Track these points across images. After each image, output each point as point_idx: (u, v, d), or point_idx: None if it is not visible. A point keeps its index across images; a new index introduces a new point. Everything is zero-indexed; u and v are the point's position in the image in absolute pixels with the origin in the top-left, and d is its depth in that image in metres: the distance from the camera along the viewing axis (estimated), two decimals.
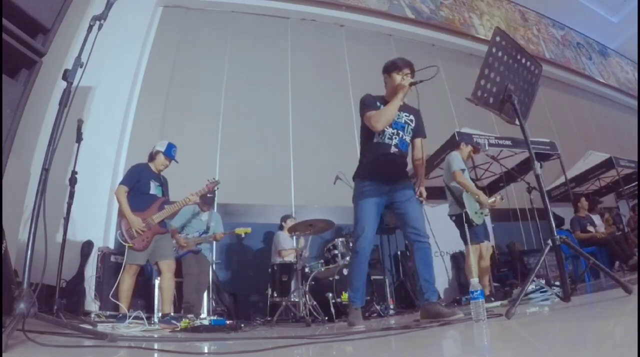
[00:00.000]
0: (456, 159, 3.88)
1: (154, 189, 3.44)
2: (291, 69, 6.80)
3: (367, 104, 2.51)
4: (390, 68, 2.55)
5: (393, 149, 2.51)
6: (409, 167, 2.69)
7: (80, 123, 3.59)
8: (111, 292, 3.26)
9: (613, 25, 11.02)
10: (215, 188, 3.69)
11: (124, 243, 3.22)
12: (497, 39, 2.16)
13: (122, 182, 3.37)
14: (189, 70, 6.28)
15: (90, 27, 1.80)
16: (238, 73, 6.43)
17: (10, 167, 2.00)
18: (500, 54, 2.18)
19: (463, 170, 3.80)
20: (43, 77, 1.97)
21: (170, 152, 3.52)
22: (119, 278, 3.24)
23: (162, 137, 5.48)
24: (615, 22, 10.97)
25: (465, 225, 3.66)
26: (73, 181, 3.37)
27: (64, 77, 1.70)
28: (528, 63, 2.34)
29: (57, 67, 3.99)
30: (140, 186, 3.37)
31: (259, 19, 7.10)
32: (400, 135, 2.54)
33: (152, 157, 3.55)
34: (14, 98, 1.69)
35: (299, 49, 7.04)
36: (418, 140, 2.64)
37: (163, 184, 3.56)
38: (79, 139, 3.50)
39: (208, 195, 3.93)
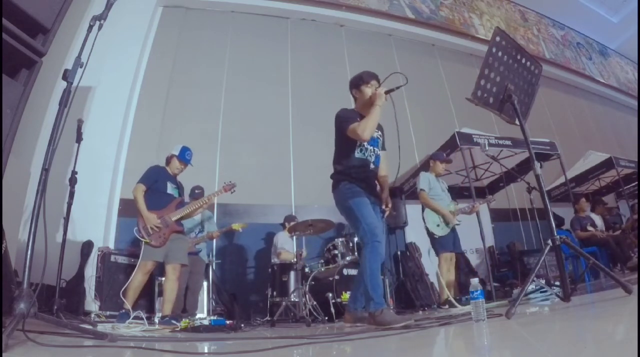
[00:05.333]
0: (420, 180, 4.22)
1: (170, 190, 3.50)
2: (291, 69, 6.80)
3: (348, 117, 2.51)
4: (358, 82, 2.58)
5: (372, 166, 2.58)
6: None
7: (80, 123, 3.59)
8: (122, 289, 3.26)
9: (613, 25, 11.02)
10: (232, 191, 3.71)
11: (141, 239, 3.23)
12: (497, 39, 2.16)
13: (140, 181, 3.41)
14: (189, 70, 6.28)
15: (90, 27, 1.80)
16: (238, 73, 6.43)
17: (10, 167, 2.00)
18: (500, 54, 2.18)
19: (423, 190, 4.12)
20: (43, 77, 1.97)
21: (183, 156, 3.57)
22: (133, 275, 3.25)
23: (162, 137, 5.50)
24: (615, 22, 10.96)
25: (429, 238, 4.06)
26: (73, 181, 3.38)
27: (64, 77, 1.70)
28: (528, 63, 2.34)
29: (57, 67, 3.99)
30: (158, 186, 3.42)
31: (259, 19, 7.10)
32: (375, 152, 2.61)
33: (167, 161, 3.62)
34: (14, 98, 1.69)
35: (299, 49, 7.04)
36: (383, 155, 2.69)
37: (179, 187, 3.61)
38: (79, 139, 3.51)
39: (196, 191, 4.10)
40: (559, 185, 7.01)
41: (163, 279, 3.47)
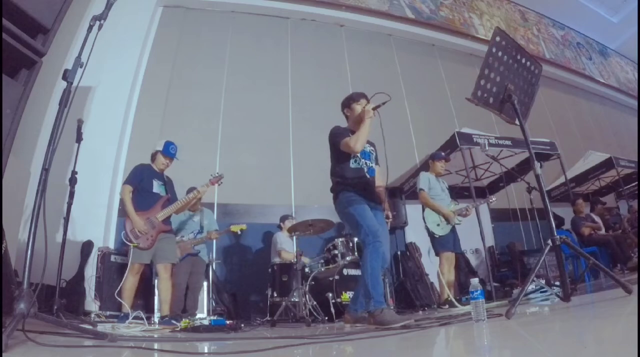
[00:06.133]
0: (420, 179, 4.25)
1: (157, 187, 3.46)
2: (291, 69, 6.80)
3: (340, 133, 2.70)
4: (349, 102, 2.79)
5: (367, 175, 2.73)
6: None
7: (80, 123, 3.59)
8: (117, 291, 3.26)
9: (613, 25, 11.01)
10: (219, 183, 3.68)
11: (128, 243, 3.22)
12: (497, 39, 2.16)
13: (126, 182, 3.38)
14: (189, 70, 6.28)
15: (90, 27, 1.80)
16: (238, 73, 6.43)
17: (10, 167, 2.00)
18: (500, 54, 2.18)
19: (423, 189, 4.16)
20: (43, 77, 1.97)
21: (167, 151, 3.51)
22: (124, 277, 3.25)
23: (162, 137, 5.47)
24: (615, 22, 10.96)
25: (429, 237, 4.10)
26: (73, 181, 3.37)
27: (64, 77, 1.70)
28: (528, 63, 2.34)
29: (57, 67, 3.99)
30: (144, 185, 3.39)
31: (259, 19, 7.10)
32: (369, 164, 2.77)
33: (152, 157, 3.58)
34: (14, 98, 1.69)
35: (299, 49, 7.04)
36: (378, 168, 2.87)
37: (167, 183, 3.57)
38: (79, 139, 3.50)
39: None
40: (559, 185, 7.01)
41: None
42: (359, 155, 2.70)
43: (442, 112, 7.35)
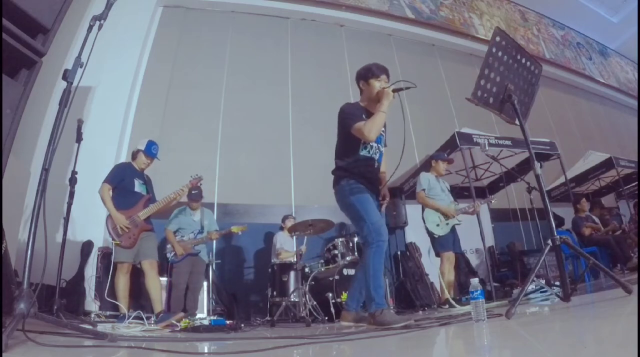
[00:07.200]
0: (420, 180, 4.25)
1: (138, 187, 3.45)
2: (291, 69, 6.80)
3: (353, 113, 2.42)
4: (367, 75, 2.48)
5: (376, 164, 2.53)
6: None
7: (80, 123, 3.59)
8: (106, 292, 3.26)
9: (613, 25, 11.02)
10: (199, 183, 3.68)
11: (111, 241, 3.23)
12: (497, 39, 2.16)
13: (105, 181, 3.37)
14: (189, 70, 6.28)
15: (90, 27, 1.80)
16: (238, 73, 6.43)
17: (10, 167, 2.00)
18: (500, 54, 2.18)
19: (422, 190, 4.16)
20: (43, 77, 1.97)
21: (150, 150, 3.50)
22: (110, 277, 3.25)
23: (162, 137, 5.49)
24: (615, 22, 10.96)
25: (429, 238, 4.09)
26: (73, 181, 3.37)
27: (64, 77, 1.70)
28: (528, 63, 2.34)
29: (57, 67, 3.99)
30: (125, 185, 3.39)
31: (259, 19, 7.10)
32: (380, 149, 2.55)
33: (133, 156, 3.57)
34: (14, 98, 1.69)
35: (299, 49, 7.05)
36: (383, 151, 2.64)
37: (147, 182, 3.57)
38: (79, 139, 3.50)
39: (193, 191, 3.91)
40: (559, 185, 7.01)
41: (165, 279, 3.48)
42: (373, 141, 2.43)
43: (442, 112, 7.35)
